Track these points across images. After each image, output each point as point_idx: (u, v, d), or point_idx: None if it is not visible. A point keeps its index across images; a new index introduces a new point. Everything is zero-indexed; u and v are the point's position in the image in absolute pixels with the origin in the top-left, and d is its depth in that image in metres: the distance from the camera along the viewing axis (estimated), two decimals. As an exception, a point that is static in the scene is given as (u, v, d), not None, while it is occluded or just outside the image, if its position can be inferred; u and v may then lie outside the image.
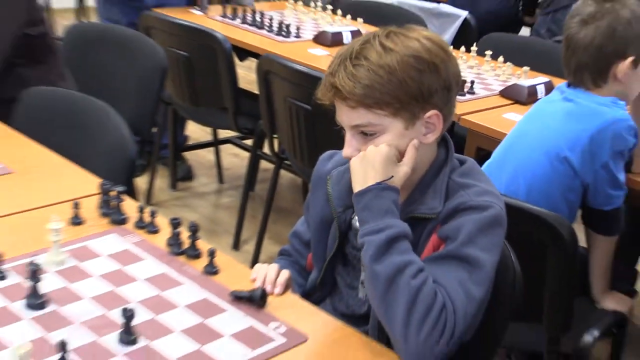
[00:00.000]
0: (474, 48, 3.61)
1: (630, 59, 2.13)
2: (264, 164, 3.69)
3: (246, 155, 3.87)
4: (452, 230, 1.39)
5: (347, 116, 1.42)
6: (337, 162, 1.64)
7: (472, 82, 3.12)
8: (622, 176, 2.17)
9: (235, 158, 4.46)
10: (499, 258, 1.44)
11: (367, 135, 1.42)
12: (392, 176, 1.41)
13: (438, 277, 1.34)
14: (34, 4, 2.49)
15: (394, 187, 1.41)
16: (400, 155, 1.46)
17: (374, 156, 1.40)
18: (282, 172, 3.38)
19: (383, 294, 1.34)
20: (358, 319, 1.57)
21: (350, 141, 1.44)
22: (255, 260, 3.33)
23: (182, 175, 4.17)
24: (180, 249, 1.69)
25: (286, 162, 3.31)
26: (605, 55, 2.14)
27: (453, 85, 1.44)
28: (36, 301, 1.45)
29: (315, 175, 1.69)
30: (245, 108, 3.46)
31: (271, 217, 3.46)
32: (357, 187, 1.42)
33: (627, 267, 2.86)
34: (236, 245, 3.52)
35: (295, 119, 2.96)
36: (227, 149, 4.44)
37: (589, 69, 2.17)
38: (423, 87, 1.38)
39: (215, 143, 4.27)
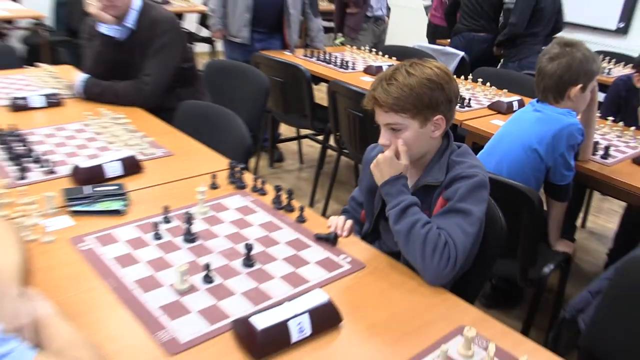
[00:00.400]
0: (470, 77, 3.52)
1: (579, 86, 2.11)
2: (330, 152, 3.66)
3: (318, 146, 3.86)
4: (451, 193, 1.37)
5: (382, 117, 1.43)
6: (377, 151, 1.62)
7: (469, 100, 3.05)
8: (572, 162, 2.13)
9: (311, 148, 4.45)
10: (485, 209, 1.43)
11: (394, 130, 1.42)
12: (401, 172, 1.42)
13: (442, 225, 1.34)
14: (187, 47, 2.51)
15: (401, 175, 1.42)
16: (415, 146, 1.45)
17: (383, 161, 1.43)
18: (342, 157, 3.33)
19: (405, 243, 1.38)
20: (395, 254, 1.54)
21: (384, 134, 1.44)
22: (323, 214, 3.32)
23: (276, 158, 4.17)
24: (281, 206, 1.67)
25: (344, 150, 3.27)
26: (563, 82, 2.11)
27: (453, 99, 1.43)
28: (189, 237, 1.44)
29: (365, 159, 1.67)
30: (318, 115, 3.45)
31: (334, 187, 3.43)
32: (379, 182, 1.44)
33: (570, 222, 2.82)
34: (311, 204, 3.51)
35: (351, 122, 2.93)
36: (305, 142, 4.43)
37: (552, 90, 2.13)
38: (432, 100, 1.39)
39: (298, 138, 4.26)
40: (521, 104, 3.02)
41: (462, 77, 3.57)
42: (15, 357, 0.80)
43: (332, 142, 3.51)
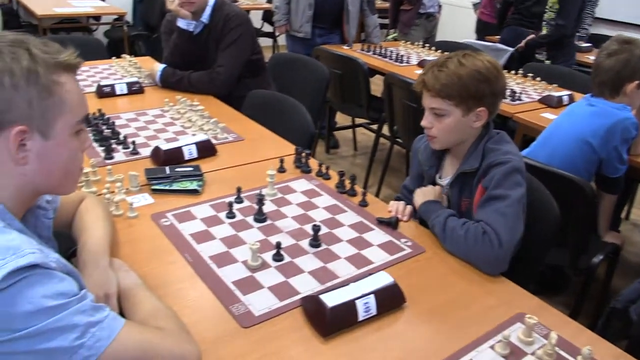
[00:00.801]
0: (520, 71, 3.36)
1: (636, 82, 1.99)
2: (382, 140, 3.60)
3: (372, 134, 3.79)
4: (488, 181, 1.32)
5: (427, 101, 1.39)
6: (424, 142, 1.56)
7: (520, 93, 2.92)
8: (625, 156, 2.01)
9: (365, 136, 4.39)
10: (523, 192, 1.33)
11: (437, 115, 1.38)
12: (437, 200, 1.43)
13: (482, 217, 1.29)
14: (256, 41, 2.50)
15: (435, 200, 1.43)
16: (455, 132, 1.40)
17: (427, 190, 1.46)
18: (394, 146, 3.26)
19: (454, 247, 1.32)
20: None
21: (427, 117, 1.41)
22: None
23: (332, 145, 4.13)
24: (344, 190, 1.63)
25: (397, 139, 3.20)
26: (620, 77, 1.99)
27: (499, 94, 1.37)
28: (260, 217, 1.42)
29: (413, 148, 1.63)
30: (373, 105, 3.38)
31: (386, 173, 3.38)
32: (419, 203, 1.45)
33: (616, 215, 2.68)
34: (364, 189, 3.42)
35: (406, 112, 2.86)
36: (360, 130, 4.36)
37: (608, 85, 2.01)
38: (478, 92, 1.34)
39: (353, 126, 4.19)
40: (571, 99, 2.88)
41: (513, 71, 3.41)
42: (106, 326, 0.78)
43: (385, 131, 3.44)
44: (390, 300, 1.13)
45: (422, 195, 1.45)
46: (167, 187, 1.57)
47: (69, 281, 0.79)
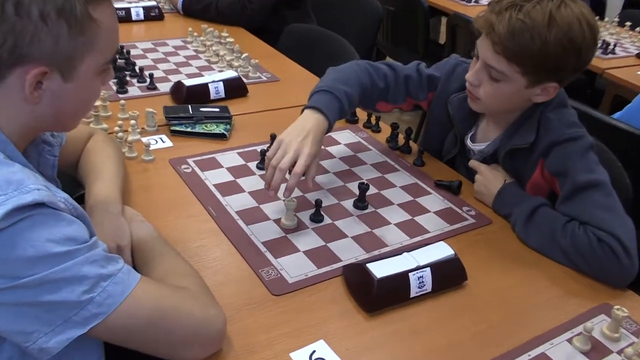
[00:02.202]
0: (615, 19, 3.21)
1: None
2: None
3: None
4: (558, 166, 1.22)
5: (488, 54, 1.21)
6: (458, 87, 1.44)
7: (614, 46, 2.79)
8: None
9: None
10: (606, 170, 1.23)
11: (492, 78, 1.23)
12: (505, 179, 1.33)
13: (580, 215, 1.17)
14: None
15: (509, 182, 1.33)
16: (507, 102, 1.29)
17: (483, 179, 1.38)
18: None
19: (557, 255, 1.21)
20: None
21: (477, 72, 1.26)
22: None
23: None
24: (397, 146, 1.60)
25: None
26: None
27: (581, 68, 1.20)
28: None
29: (444, 78, 1.48)
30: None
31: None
32: (490, 200, 1.35)
33: None
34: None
35: (472, 61, 2.73)
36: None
37: None
38: (560, 65, 1.17)
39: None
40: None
41: (607, 18, 3.26)
42: (119, 280, 0.77)
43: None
44: (449, 276, 1.10)
45: (485, 189, 1.35)
46: (189, 129, 1.56)
47: (78, 225, 0.78)
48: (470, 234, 1.29)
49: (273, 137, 1.50)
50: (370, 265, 1.04)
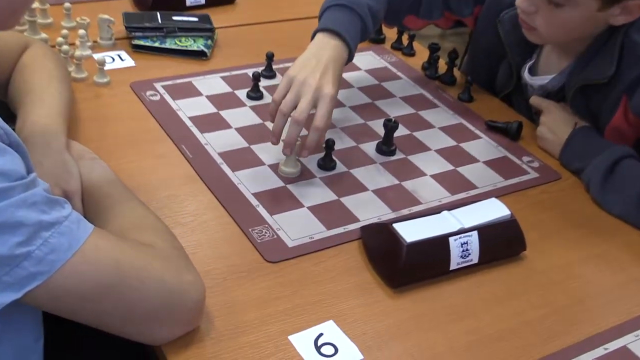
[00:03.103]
0: None
1: None
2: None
3: None
4: None
5: None
6: (512, 0, 1.38)
7: None
8: None
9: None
10: None
11: (552, 1, 1.21)
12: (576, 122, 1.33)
13: None
14: None
15: (581, 126, 1.34)
16: (573, 30, 1.28)
17: (548, 122, 1.38)
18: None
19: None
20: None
21: None
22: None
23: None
24: (437, 74, 1.60)
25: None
26: None
27: None
28: None
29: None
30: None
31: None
32: (557, 150, 1.36)
33: None
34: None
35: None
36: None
37: None
38: None
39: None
40: None
41: None
42: (65, 231, 0.77)
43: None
44: (502, 243, 1.11)
45: (551, 133, 1.37)
46: (156, 44, 1.55)
47: (12, 156, 0.77)
48: (532, 192, 1.29)
49: (270, 58, 1.49)
50: (397, 226, 1.05)
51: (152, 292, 0.83)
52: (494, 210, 1.11)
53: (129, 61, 1.50)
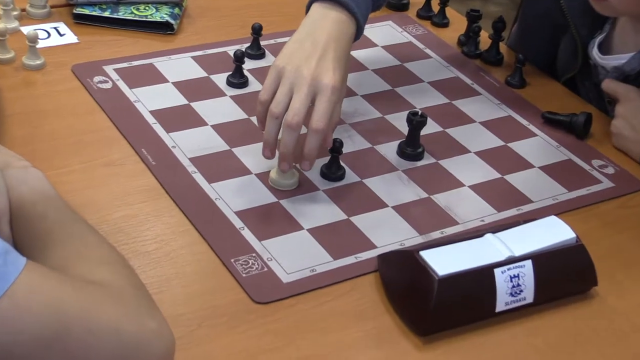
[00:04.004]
0: None
1: None
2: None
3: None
4: None
5: None
6: None
7: None
8: None
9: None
10: None
11: None
12: None
13: None
14: None
15: None
16: None
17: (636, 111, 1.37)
18: None
19: None
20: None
21: None
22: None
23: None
24: (477, 50, 1.61)
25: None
26: None
27: None
28: None
29: None
30: None
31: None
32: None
33: None
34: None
35: None
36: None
37: None
38: None
39: None
40: None
41: None
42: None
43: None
44: (565, 277, 1.12)
45: (630, 128, 1.38)
46: (106, 14, 1.56)
47: None
48: (605, 208, 1.31)
49: (257, 31, 1.50)
50: (426, 255, 1.05)
51: (103, 346, 0.84)
52: (554, 232, 1.12)
53: (69, 36, 1.51)
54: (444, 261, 1.05)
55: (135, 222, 1.16)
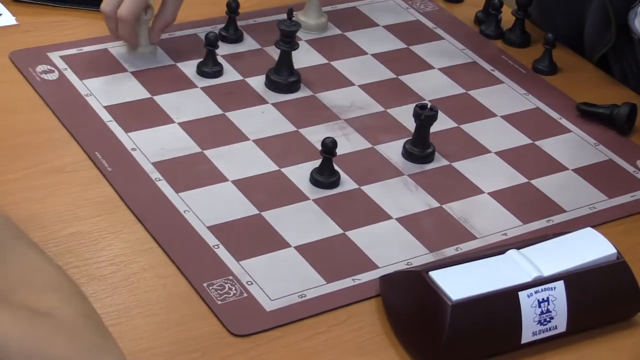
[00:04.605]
0: None
1: None
2: None
3: None
4: None
5: None
6: None
7: None
8: None
9: None
10: None
11: None
12: None
13: None
14: None
15: None
16: None
17: None
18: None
19: None
20: None
21: None
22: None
23: None
24: (497, 29, 1.63)
25: None
26: None
27: None
28: (285, 77, 1.46)
29: None
30: None
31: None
32: None
33: None
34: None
35: None
36: None
37: None
38: None
39: None
40: None
41: None
42: None
43: None
44: (604, 300, 1.12)
45: None
46: (52, -9, 1.57)
47: None
48: (654, 216, 1.30)
49: (233, 9, 1.51)
50: (437, 275, 1.06)
51: (52, 387, 0.85)
52: (590, 247, 1.13)
53: (6, 17, 1.52)
54: (459, 283, 1.06)
55: (88, 241, 1.16)
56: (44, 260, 0.99)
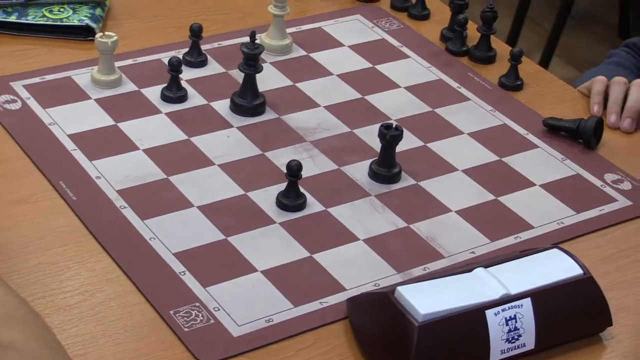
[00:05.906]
0: None
1: None
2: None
3: None
4: None
5: None
6: None
7: None
8: None
9: None
10: None
11: None
12: None
13: None
14: None
15: None
16: None
17: None
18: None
19: None
20: None
21: None
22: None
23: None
24: (463, 46, 1.64)
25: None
26: None
27: None
28: (248, 100, 1.46)
29: None
30: None
31: (566, 26, 3.44)
32: None
33: None
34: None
35: None
36: None
37: None
38: None
39: None
40: None
41: None
42: None
43: None
44: (572, 317, 1.13)
45: None
46: (13, 18, 1.58)
47: None
48: (621, 232, 1.33)
49: (195, 33, 1.52)
50: (404, 294, 1.07)
51: None
52: (557, 264, 1.15)
53: (-29, 46, 1.51)
54: (426, 303, 1.06)
55: (53, 271, 1.17)
56: (6, 293, 0.99)
